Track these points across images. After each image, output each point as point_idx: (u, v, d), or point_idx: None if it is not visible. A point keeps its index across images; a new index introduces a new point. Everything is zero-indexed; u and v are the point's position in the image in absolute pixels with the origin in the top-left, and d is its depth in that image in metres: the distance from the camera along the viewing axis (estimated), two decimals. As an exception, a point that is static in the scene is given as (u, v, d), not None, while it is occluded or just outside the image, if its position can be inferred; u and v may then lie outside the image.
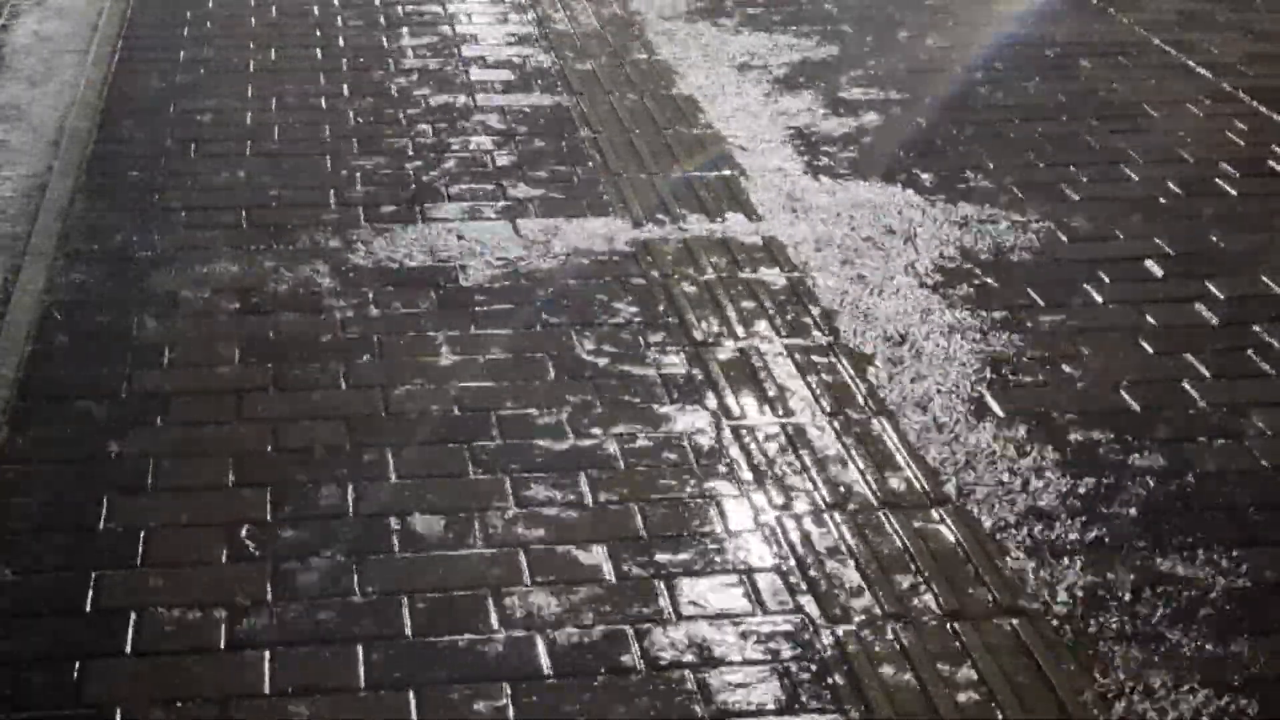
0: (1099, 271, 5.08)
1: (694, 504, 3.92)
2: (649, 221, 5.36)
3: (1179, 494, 4.00)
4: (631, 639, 3.46)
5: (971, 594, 3.62)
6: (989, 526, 3.86)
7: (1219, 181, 5.74)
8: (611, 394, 4.37)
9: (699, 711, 3.27)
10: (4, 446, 4.09)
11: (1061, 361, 4.58)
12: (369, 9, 7.39)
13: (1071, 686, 3.36)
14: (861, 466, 4.08)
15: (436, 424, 4.22)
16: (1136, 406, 4.36)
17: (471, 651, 3.42)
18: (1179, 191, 5.66)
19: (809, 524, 3.86)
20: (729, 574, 3.68)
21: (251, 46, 6.89)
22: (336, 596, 3.58)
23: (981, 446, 4.17)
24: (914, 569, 3.70)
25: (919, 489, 3.99)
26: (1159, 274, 5.09)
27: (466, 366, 4.49)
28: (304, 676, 3.34)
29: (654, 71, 6.73)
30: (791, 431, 4.22)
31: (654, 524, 3.84)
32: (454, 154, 5.86)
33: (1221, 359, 4.60)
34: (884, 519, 3.88)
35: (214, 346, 4.57)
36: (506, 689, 3.31)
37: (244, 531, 3.78)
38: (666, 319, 4.75)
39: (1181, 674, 3.40)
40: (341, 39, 7.00)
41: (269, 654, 3.40)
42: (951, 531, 3.83)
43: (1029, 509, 3.93)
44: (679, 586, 3.63)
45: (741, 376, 4.47)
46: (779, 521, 3.87)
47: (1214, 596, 3.64)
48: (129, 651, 3.40)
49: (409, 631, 3.47)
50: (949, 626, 3.52)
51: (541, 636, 3.46)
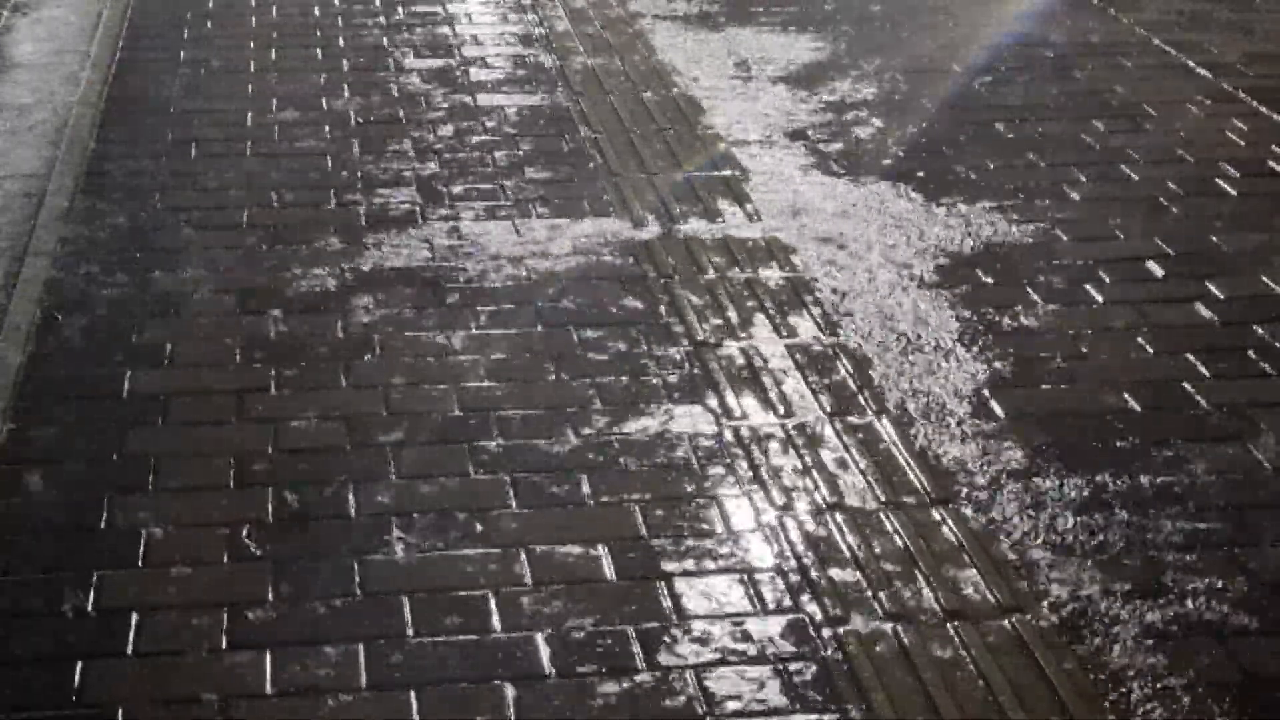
0: (1099, 271, 5.08)
1: (695, 504, 3.93)
2: (649, 221, 5.37)
3: (1180, 494, 4.00)
4: (633, 639, 3.46)
5: (972, 594, 3.63)
6: (990, 526, 3.86)
7: (1219, 181, 5.75)
8: (612, 394, 4.37)
9: (700, 711, 3.27)
10: (5, 447, 4.09)
11: (1062, 361, 4.58)
12: (370, 9, 7.39)
13: (1072, 686, 3.36)
14: (862, 466, 4.08)
15: (437, 424, 4.23)
16: (1137, 406, 4.36)
17: (472, 651, 3.42)
18: (1179, 191, 5.66)
19: (810, 524, 3.86)
20: (730, 574, 3.68)
21: (252, 46, 6.90)
22: (337, 596, 3.58)
23: (982, 446, 4.17)
24: (915, 569, 3.70)
25: (919, 489, 3.99)
26: (1159, 274, 5.09)
27: (467, 366, 4.49)
28: (305, 677, 3.34)
29: (654, 71, 6.74)
30: (792, 431, 4.22)
31: (655, 524, 3.84)
32: (455, 154, 5.86)
33: (1222, 359, 4.60)
34: (885, 519, 3.88)
35: (215, 346, 4.58)
36: (508, 689, 3.32)
37: (245, 531, 3.78)
38: (667, 319, 4.76)
39: (1182, 673, 3.40)
40: (342, 39, 7.01)
41: (270, 654, 3.40)
42: (952, 531, 3.84)
43: (1030, 509, 3.93)
44: (680, 587, 3.64)
45: (742, 376, 4.47)
46: (780, 521, 3.87)
47: (1215, 597, 3.64)
48: (130, 652, 3.41)
49: (410, 631, 3.47)
50: (950, 626, 3.53)
51: (542, 636, 3.46)
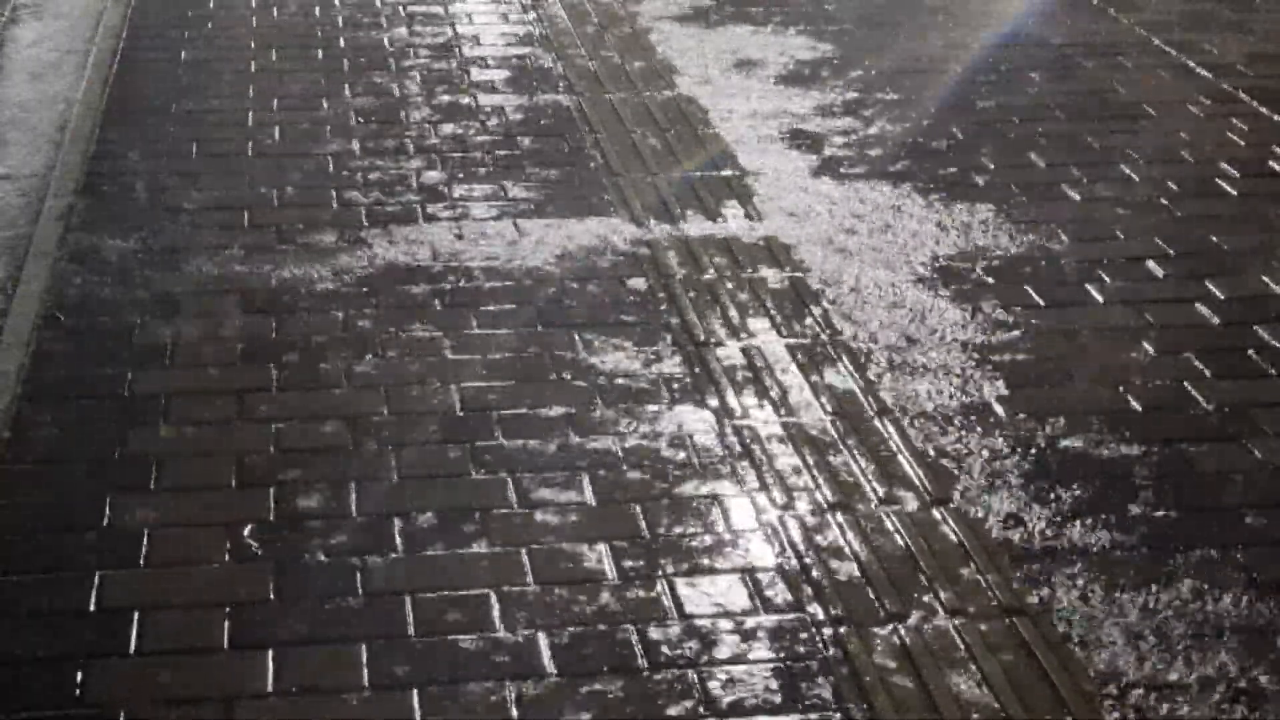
0: (1100, 271, 5.08)
1: (696, 503, 3.93)
2: (650, 221, 5.37)
3: (1181, 494, 4.00)
4: (634, 638, 3.47)
5: (973, 593, 3.63)
6: (991, 526, 3.86)
7: (1219, 182, 5.75)
8: (613, 393, 4.37)
9: (702, 710, 3.28)
10: (7, 447, 4.10)
11: (1063, 361, 4.59)
12: (370, 9, 7.39)
13: (1074, 686, 3.36)
14: (863, 466, 4.08)
15: (438, 424, 4.23)
16: (1138, 406, 4.37)
17: (474, 651, 3.42)
18: (1179, 191, 5.66)
19: (811, 523, 3.87)
20: (731, 573, 3.69)
21: (253, 47, 6.90)
22: (339, 596, 3.58)
23: (983, 446, 4.17)
24: (916, 568, 3.71)
25: (920, 488, 4.00)
26: (1160, 274, 5.09)
27: (468, 366, 4.49)
28: (307, 676, 3.35)
29: (655, 71, 6.74)
30: (793, 431, 4.23)
31: (656, 523, 3.85)
32: (455, 154, 5.86)
33: (1223, 359, 4.60)
34: (886, 518, 3.89)
35: (216, 346, 4.58)
36: (510, 688, 3.32)
37: (246, 531, 3.79)
38: (668, 319, 4.76)
39: (1183, 673, 3.41)
40: (342, 39, 7.01)
41: (272, 654, 3.40)
42: (953, 530, 3.84)
43: (1031, 508, 3.93)
44: (681, 586, 3.64)
45: (743, 376, 4.47)
46: (781, 521, 3.87)
47: (1216, 596, 3.65)
48: (132, 652, 3.41)
49: (412, 631, 3.48)
50: (951, 625, 3.53)
51: (544, 635, 3.47)
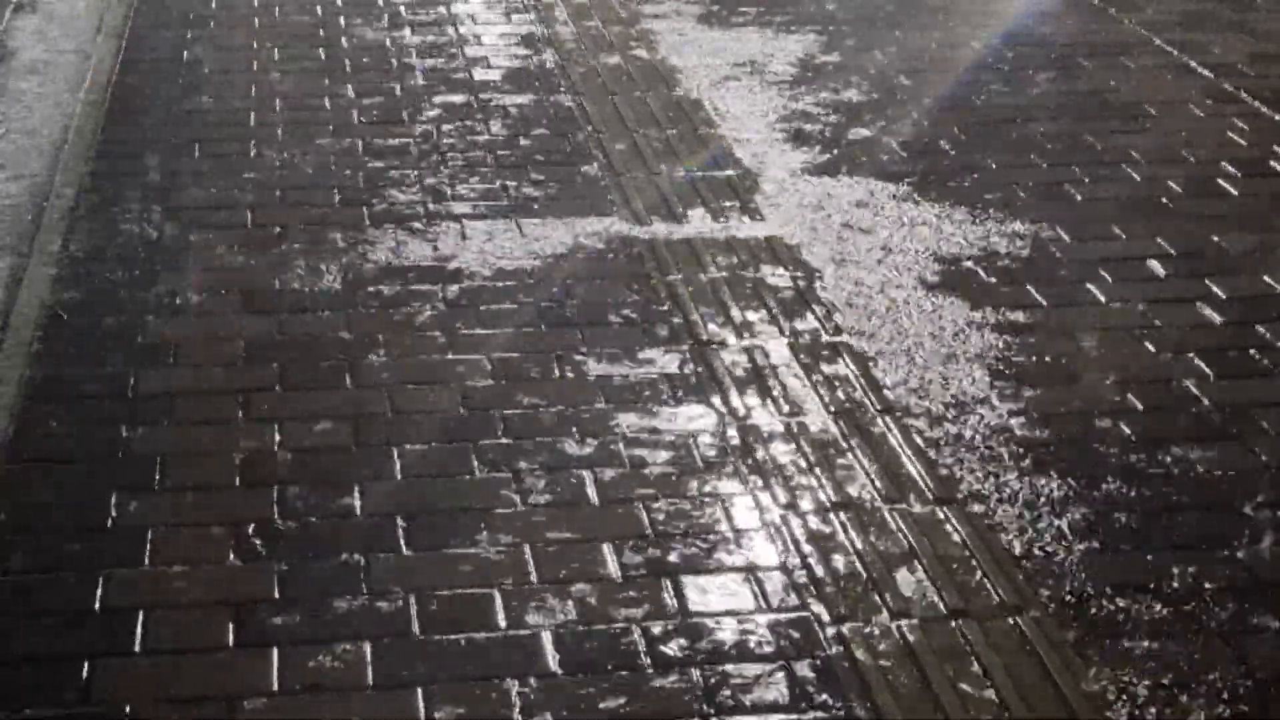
0: (1101, 271, 5.09)
1: (699, 502, 3.94)
2: (652, 221, 5.38)
3: (1182, 493, 4.01)
4: (638, 637, 3.47)
5: (976, 592, 3.64)
6: (993, 525, 3.87)
7: (1220, 181, 5.76)
8: (616, 393, 4.38)
9: (705, 709, 3.28)
10: (11, 447, 4.10)
11: (1065, 361, 4.59)
12: (372, 9, 7.40)
13: (1076, 685, 3.37)
14: (866, 465, 4.09)
15: (442, 423, 4.24)
16: (1139, 405, 4.37)
17: (479, 649, 3.43)
18: (1180, 191, 5.67)
19: (814, 522, 3.87)
20: (735, 572, 3.69)
21: (254, 47, 6.91)
22: (343, 595, 3.59)
23: (986, 445, 4.18)
24: (919, 567, 3.71)
25: (923, 487, 4.00)
26: (1161, 274, 5.10)
27: (472, 366, 4.50)
28: (311, 675, 3.35)
29: (656, 71, 6.75)
30: (796, 430, 4.23)
31: (659, 522, 3.85)
32: (458, 154, 5.87)
33: (1225, 358, 4.61)
34: (889, 517, 3.89)
35: (219, 346, 4.59)
36: (514, 687, 3.33)
37: (251, 530, 3.79)
38: (671, 318, 4.77)
39: (1184, 672, 3.41)
40: (344, 39, 7.02)
41: (277, 653, 3.41)
42: (956, 530, 3.85)
43: (1033, 507, 3.94)
44: (685, 585, 3.64)
45: (746, 375, 4.48)
46: (784, 520, 3.88)
47: (1218, 596, 3.65)
48: (137, 651, 3.41)
49: (416, 630, 3.48)
50: (954, 625, 3.53)
51: (548, 634, 3.47)
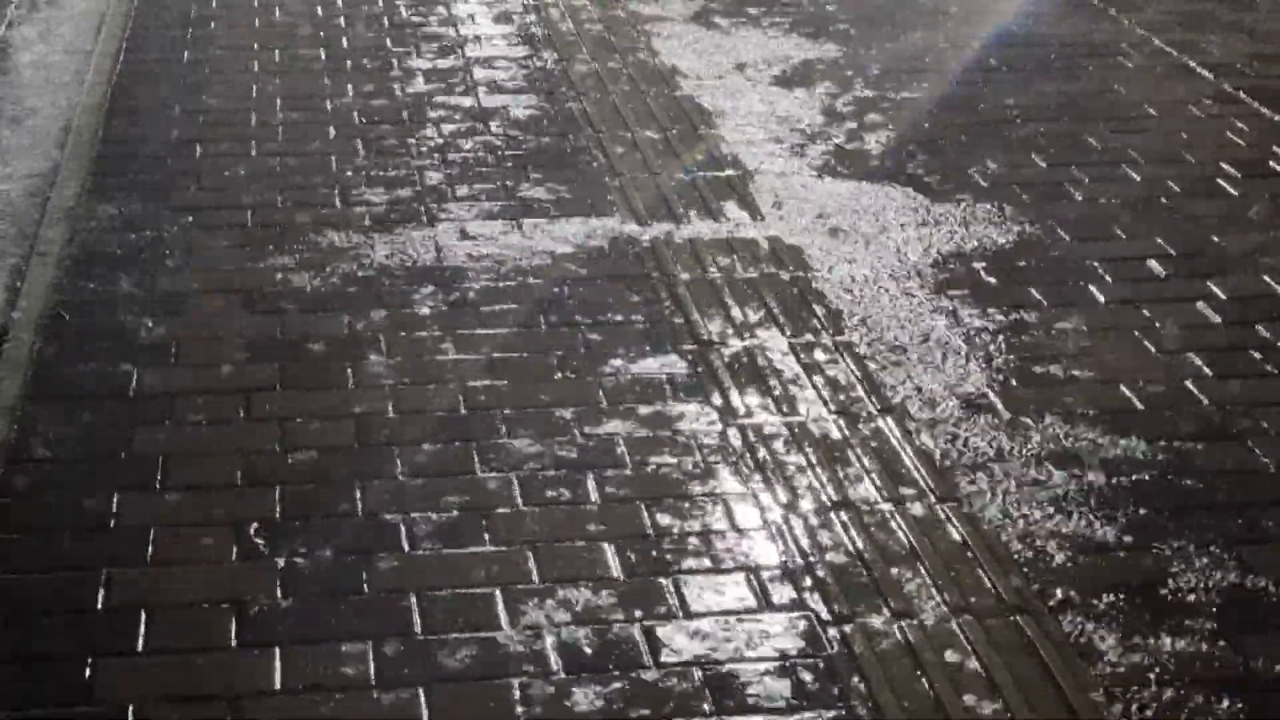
0: (1101, 271, 5.10)
1: (700, 502, 3.94)
2: (652, 221, 5.38)
3: (1182, 492, 4.02)
4: (639, 637, 3.48)
5: (977, 591, 3.64)
6: (994, 524, 3.88)
7: (1220, 182, 5.76)
8: (617, 393, 4.39)
9: (707, 709, 3.29)
10: (13, 446, 4.11)
11: (1064, 360, 4.60)
12: (373, 10, 7.40)
13: (1077, 684, 3.38)
14: (866, 464, 4.10)
15: (443, 423, 4.24)
16: (1140, 405, 4.38)
17: (481, 649, 3.44)
18: (1180, 191, 5.68)
19: (815, 522, 3.88)
20: (736, 572, 3.70)
21: (255, 47, 6.91)
22: (346, 595, 3.59)
23: (986, 444, 4.19)
24: (920, 567, 3.72)
25: (924, 487, 4.01)
26: (1161, 273, 5.11)
27: (473, 366, 4.51)
28: (314, 675, 3.36)
29: (656, 72, 6.75)
30: (797, 430, 4.24)
31: (660, 522, 3.86)
32: (458, 154, 5.87)
33: (1224, 358, 4.62)
34: (889, 517, 3.90)
35: (221, 346, 4.59)
36: (516, 686, 3.33)
37: (253, 530, 3.80)
38: (671, 318, 4.77)
39: (1185, 672, 3.42)
40: (345, 40, 7.02)
41: (279, 652, 3.41)
42: (957, 529, 3.85)
43: (1033, 506, 3.95)
44: (686, 585, 3.65)
45: (746, 375, 4.49)
46: (785, 520, 3.88)
47: (1218, 596, 3.66)
48: (139, 650, 3.42)
49: (418, 629, 3.49)
50: (955, 624, 3.54)
51: (550, 634, 3.48)
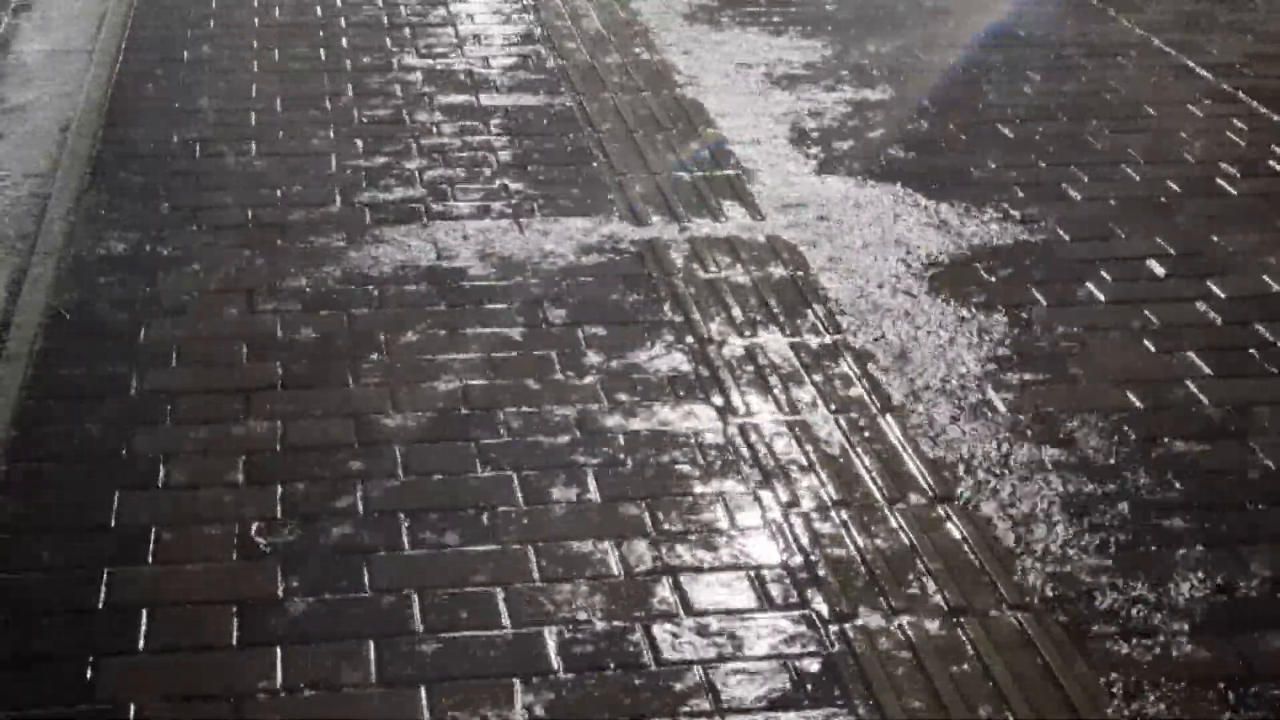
0: (1101, 270, 5.10)
1: (701, 501, 3.95)
2: (653, 220, 5.39)
3: (1182, 492, 4.02)
4: (640, 635, 3.48)
5: (978, 590, 3.65)
6: (994, 523, 3.88)
7: (1220, 181, 5.77)
8: (617, 392, 4.39)
9: (707, 707, 3.29)
10: (14, 446, 4.11)
11: (1064, 360, 4.60)
12: (372, 9, 7.41)
13: (1078, 683, 3.38)
14: (867, 463, 4.10)
15: (444, 422, 4.25)
16: (1139, 405, 4.39)
17: (481, 648, 3.44)
18: (1179, 191, 5.68)
19: (815, 521, 3.88)
20: (736, 571, 3.70)
21: (255, 47, 6.91)
22: (346, 593, 3.60)
23: (986, 444, 4.19)
24: (920, 565, 3.72)
25: (924, 486, 4.02)
26: (1161, 273, 5.11)
27: (473, 365, 4.51)
28: (315, 673, 3.36)
29: (656, 71, 6.75)
30: (797, 429, 4.24)
31: (661, 521, 3.86)
32: (458, 154, 5.88)
33: (1224, 357, 4.62)
34: (890, 515, 3.91)
35: (221, 346, 4.59)
36: (517, 684, 3.34)
37: (254, 529, 3.80)
38: (671, 317, 4.78)
39: (1185, 672, 3.42)
40: (345, 40, 7.02)
41: (280, 651, 3.42)
42: (957, 528, 3.86)
43: (1033, 506, 3.95)
44: (687, 583, 3.66)
45: (747, 374, 4.49)
46: (786, 518, 3.89)
47: (1218, 595, 3.66)
48: (141, 649, 3.42)
49: (419, 628, 3.49)
50: (955, 623, 3.55)
51: (551, 632, 3.48)
